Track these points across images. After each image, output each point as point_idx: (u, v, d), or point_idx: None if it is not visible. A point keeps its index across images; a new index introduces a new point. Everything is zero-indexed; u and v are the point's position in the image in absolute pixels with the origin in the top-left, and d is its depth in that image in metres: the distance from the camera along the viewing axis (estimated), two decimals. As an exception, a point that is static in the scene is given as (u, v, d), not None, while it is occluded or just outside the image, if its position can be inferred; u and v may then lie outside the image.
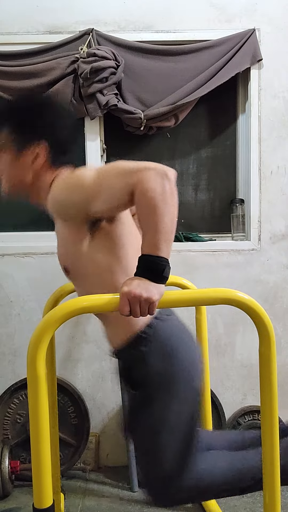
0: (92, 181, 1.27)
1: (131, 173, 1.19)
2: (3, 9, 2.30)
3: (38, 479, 1.09)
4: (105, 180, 1.25)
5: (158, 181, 1.15)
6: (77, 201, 1.30)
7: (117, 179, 1.22)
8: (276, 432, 1.22)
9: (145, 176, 1.16)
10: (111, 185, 1.23)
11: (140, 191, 1.16)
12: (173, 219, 1.19)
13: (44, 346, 1.07)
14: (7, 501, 2.07)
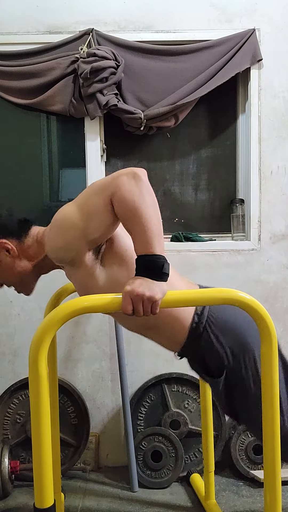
0: (79, 214, 1.27)
1: (106, 185, 1.23)
2: (3, 9, 2.30)
3: (39, 479, 1.09)
4: (88, 206, 1.26)
5: (132, 183, 1.18)
6: (75, 240, 1.29)
7: (97, 197, 1.24)
8: (277, 432, 1.22)
9: (118, 183, 1.19)
10: (96, 206, 1.24)
11: (118, 199, 1.19)
12: (157, 216, 1.20)
13: (46, 346, 1.07)
14: (6, 501, 2.07)
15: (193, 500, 2.07)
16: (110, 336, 2.37)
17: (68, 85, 2.24)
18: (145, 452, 2.23)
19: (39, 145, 2.47)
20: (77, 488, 2.18)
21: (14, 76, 2.28)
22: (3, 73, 2.27)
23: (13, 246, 1.46)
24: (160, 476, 2.22)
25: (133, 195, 1.17)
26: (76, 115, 2.29)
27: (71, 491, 2.15)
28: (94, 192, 1.26)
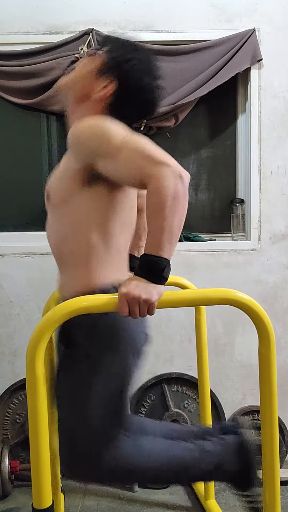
0: (118, 143, 1.22)
1: (150, 162, 1.16)
2: (3, 9, 2.30)
3: (37, 479, 1.09)
4: (127, 151, 1.20)
5: (172, 181, 1.13)
6: (94, 149, 1.26)
7: (137, 160, 1.18)
8: (276, 431, 1.22)
9: (161, 173, 1.14)
10: (129, 161, 1.20)
11: (153, 187, 1.15)
12: (181, 221, 1.17)
13: (43, 346, 1.07)
14: (6, 501, 2.07)
15: (192, 500, 2.07)
16: (110, 336, 2.37)
17: (68, 85, 2.24)
18: (145, 452, 2.23)
19: (39, 145, 2.47)
20: (77, 488, 2.18)
21: (14, 76, 2.28)
22: (3, 73, 2.27)
23: (106, 99, 1.39)
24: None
25: (168, 193, 1.13)
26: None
27: (71, 491, 2.15)
28: (141, 154, 1.18)
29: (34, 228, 2.47)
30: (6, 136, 2.45)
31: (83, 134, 1.29)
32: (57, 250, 1.44)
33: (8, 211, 2.48)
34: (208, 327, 2.25)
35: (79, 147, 1.31)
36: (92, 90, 1.40)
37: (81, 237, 1.34)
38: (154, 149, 1.18)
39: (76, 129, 1.31)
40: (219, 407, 2.32)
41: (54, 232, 1.43)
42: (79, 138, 1.30)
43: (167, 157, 1.17)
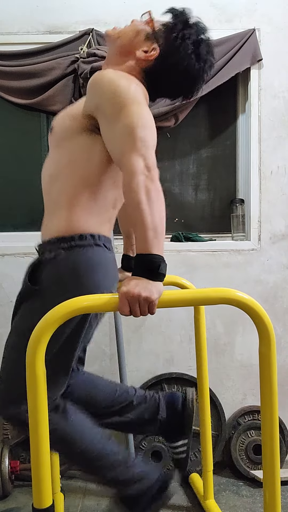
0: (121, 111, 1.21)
1: (131, 149, 1.17)
2: (3, 9, 2.30)
3: (38, 479, 1.09)
4: (122, 123, 1.20)
5: (141, 178, 1.15)
6: (101, 103, 1.26)
7: (123, 138, 1.19)
8: (276, 431, 1.22)
9: (133, 166, 1.15)
10: (118, 134, 1.20)
11: (125, 180, 1.17)
12: (160, 215, 1.16)
13: (43, 346, 1.07)
14: (6, 501, 2.07)
15: (192, 500, 2.07)
16: (110, 336, 2.37)
17: (68, 85, 2.25)
18: (145, 452, 2.23)
19: (39, 145, 2.47)
20: (77, 488, 2.18)
21: (14, 76, 2.28)
22: (3, 73, 2.27)
23: (148, 63, 1.39)
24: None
25: (140, 192, 1.14)
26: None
27: (71, 491, 2.15)
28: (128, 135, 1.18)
29: (34, 228, 2.47)
30: (6, 136, 2.45)
31: (100, 84, 1.29)
32: (46, 190, 1.45)
33: (8, 211, 2.48)
34: (208, 327, 2.26)
35: (91, 93, 1.31)
36: (136, 48, 1.40)
37: (70, 179, 1.34)
38: (143, 135, 1.18)
39: (98, 75, 1.31)
40: (219, 407, 2.32)
41: (47, 169, 1.44)
42: (94, 85, 1.30)
43: (147, 148, 1.18)
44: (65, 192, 1.36)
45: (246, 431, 2.31)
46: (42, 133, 2.47)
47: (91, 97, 1.31)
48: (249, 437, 2.30)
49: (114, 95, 1.23)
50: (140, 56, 1.39)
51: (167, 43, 1.39)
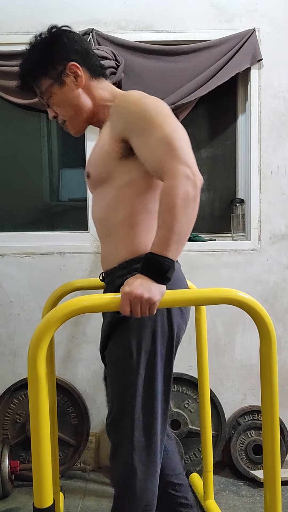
0: (153, 124, 1.22)
1: (173, 158, 1.17)
2: (3, 9, 2.30)
3: (39, 479, 1.08)
4: (157, 135, 1.21)
5: (185, 183, 1.15)
6: (131, 123, 1.28)
7: (162, 149, 1.19)
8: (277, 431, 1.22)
9: (177, 173, 1.15)
10: (156, 146, 1.21)
11: (166, 184, 1.17)
12: (189, 223, 1.17)
13: (45, 346, 1.07)
14: (6, 501, 2.07)
15: (193, 500, 2.07)
16: (110, 336, 2.37)
17: (68, 85, 2.24)
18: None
19: (39, 145, 2.47)
20: (77, 488, 2.18)
21: (14, 76, 2.25)
22: (3, 73, 2.27)
23: (82, 74, 1.39)
24: (160, 476, 2.22)
25: (179, 193, 1.14)
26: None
27: (71, 491, 2.15)
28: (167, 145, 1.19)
29: (34, 228, 2.48)
30: (6, 136, 2.45)
31: (125, 108, 1.31)
32: (101, 225, 1.44)
33: (8, 211, 2.48)
34: (209, 327, 2.25)
35: (119, 119, 1.32)
36: (72, 91, 1.40)
37: (125, 207, 1.34)
38: (182, 145, 1.19)
39: (119, 101, 1.35)
40: (219, 407, 2.32)
41: (98, 207, 1.44)
42: (120, 111, 1.33)
43: (189, 157, 1.18)
44: (124, 222, 1.35)
45: (246, 431, 2.31)
46: (42, 133, 2.47)
47: (119, 122, 1.32)
48: (249, 437, 2.31)
49: (142, 111, 1.25)
50: (78, 84, 1.40)
51: (66, 56, 1.38)
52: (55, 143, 2.49)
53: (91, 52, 1.44)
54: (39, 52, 1.39)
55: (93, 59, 1.43)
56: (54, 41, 1.38)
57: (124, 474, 1.34)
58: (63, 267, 2.35)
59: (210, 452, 1.94)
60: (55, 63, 1.37)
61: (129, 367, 1.32)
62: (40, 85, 1.41)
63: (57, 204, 2.52)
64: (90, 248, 2.36)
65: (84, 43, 1.43)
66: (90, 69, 1.42)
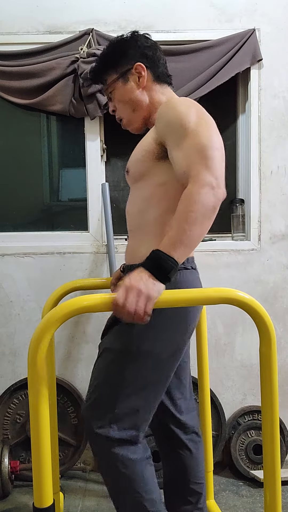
0: (189, 129, 1.26)
1: (202, 165, 1.20)
2: (3, 9, 2.30)
3: (39, 478, 1.09)
4: (191, 140, 1.24)
5: (209, 191, 1.17)
6: (168, 127, 1.32)
7: (193, 154, 1.22)
8: (277, 431, 1.22)
9: (204, 180, 1.18)
10: (187, 151, 1.24)
11: (190, 189, 1.19)
12: (202, 231, 1.19)
13: (45, 346, 1.07)
14: (6, 501, 2.07)
15: (193, 500, 2.07)
16: (110, 336, 2.37)
17: (68, 85, 2.25)
18: (145, 452, 2.22)
19: (39, 145, 2.47)
20: (77, 488, 2.18)
21: (14, 76, 2.28)
22: (3, 73, 2.27)
23: (146, 76, 1.48)
24: (160, 476, 2.21)
25: (200, 200, 1.17)
26: (76, 115, 2.29)
27: (71, 491, 2.15)
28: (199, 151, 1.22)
29: (34, 228, 2.48)
30: (6, 136, 2.45)
31: (166, 112, 1.35)
32: (133, 218, 1.50)
33: (8, 211, 2.48)
34: (209, 327, 2.26)
35: (160, 121, 1.37)
36: (141, 88, 1.49)
37: (158, 205, 1.37)
38: (214, 155, 1.21)
39: (163, 106, 1.40)
40: (219, 407, 2.32)
41: (133, 202, 1.50)
42: (161, 115, 1.37)
43: (218, 168, 1.21)
44: (155, 219, 1.38)
45: (246, 431, 2.31)
46: (42, 133, 2.47)
47: (159, 126, 1.38)
48: (249, 437, 2.31)
49: (179, 115, 1.29)
50: (140, 84, 1.49)
51: (133, 56, 1.49)
52: (55, 143, 2.49)
53: (161, 61, 1.52)
54: (114, 48, 1.51)
55: (162, 67, 1.52)
56: (129, 42, 1.49)
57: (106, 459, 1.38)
58: (63, 267, 2.35)
59: (210, 452, 1.94)
60: (124, 61, 1.48)
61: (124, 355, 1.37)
62: (107, 77, 1.52)
63: (57, 204, 2.52)
64: (90, 248, 2.36)
65: (157, 52, 1.52)
66: (155, 74, 1.50)
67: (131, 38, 1.51)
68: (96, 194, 2.40)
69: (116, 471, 1.36)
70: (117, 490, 1.41)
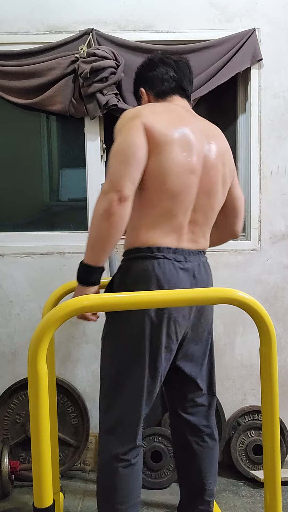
0: (114, 148, 1.46)
1: (106, 180, 1.43)
2: (3, 9, 2.30)
3: (39, 479, 1.09)
4: (110, 159, 1.48)
5: (101, 197, 1.39)
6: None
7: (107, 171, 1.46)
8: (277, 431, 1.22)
9: (101, 194, 1.40)
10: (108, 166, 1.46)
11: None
12: (100, 232, 1.38)
13: (45, 346, 1.07)
14: (6, 501, 2.07)
15: (193, 500, 2.06)
16: (110, 336, 2.37)
17: (68, 85, 2.25)
18: (145, 452, 2.22)
19: (39, 145, 2.47)
20: (77, 488, 2.18)
21: (14, 76, 2.27)
22: (3, 73, 2.27)
23: (146, 98, 1.68)
24: (160, 476, 2.22)
25: (96, 209, 1.39)
26: (76, 115, 2.29)
27: (71, 491, 2.15)
28: (108, 170, 1.46)
29: (34, 228, 2.47)
30: (6, 136, 2.45)
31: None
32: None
33: (8, 211, 2.48)
34: (208, 327, 2.25)
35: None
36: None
37: (133, 205, 1.44)
38: (112, 162, 1.42)
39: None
40: (219, 407, 2.32)
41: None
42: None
43: (114, 171, 1.40)
44: (131, 216, 1.45)
45: (246, 431, 2.31)
46: (42, 133, 2.47)
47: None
48: (249, 437, 2.30)
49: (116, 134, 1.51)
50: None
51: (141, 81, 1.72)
52: (55, 143, 2.49)
53: (159, 76, 1.64)
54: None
55: (159, 84, 1.64)
56: (138, 69, 1.73)
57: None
58: (63, 267, 2.35)
59: (210, 452, 1.94)
60: (136, 88, 1.73)
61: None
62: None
63: (57, 204, 2.52)
64: (90, 248, 2.36)
65: (157, 68, 1.64)
66: (154, 92, 1.65)
67: (141, 63, 1.71)
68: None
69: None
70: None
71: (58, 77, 2.23)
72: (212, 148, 1.56)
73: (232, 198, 1.69)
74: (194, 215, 1.52)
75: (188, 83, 1.68)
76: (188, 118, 1.56)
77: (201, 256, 1.57)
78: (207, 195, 1.53)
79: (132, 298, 1.16)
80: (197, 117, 1.65)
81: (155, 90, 1.64)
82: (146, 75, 1.66)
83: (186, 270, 1.48)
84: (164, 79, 1.63)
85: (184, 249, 1.50)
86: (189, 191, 1.48)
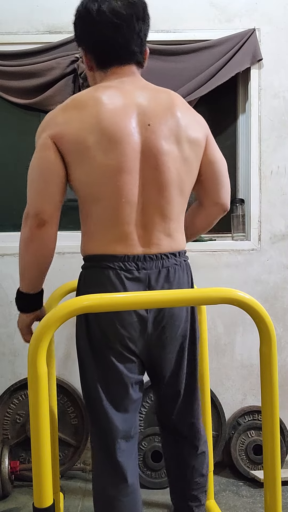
0: (30, 166, 1.39)
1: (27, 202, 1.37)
2: (3, 9, 2.30)
3: (39, 479, 1.08)
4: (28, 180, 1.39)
5: (23, 227, 1.35)
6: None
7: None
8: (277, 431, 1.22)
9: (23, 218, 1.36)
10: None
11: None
12: (25, 259, 1.36)
13: (45, 346, 1.07)
14: (6, 501, 2.07)
15: (193, 500, 2.06)
16: (110, 336, 2.37)
17: (68, 85, 2.24)
18: (145, 452, 2.22)
19: (39, 145, 2.47)
20: (77, 488, 2.18)
21: (14, 76, 2.28)
22: (3, 73, 2.27)
23: (88, 62, 1.45)
24: (160, 476, 2.22)
25: (21, 239, 1.36)
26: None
27: (71, 491, 2.15)
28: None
29: (34, 228, 2.47)
30: (6, 136, 2.45)
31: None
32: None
33: (8, 211, 2.47)
34: (209, 327, 2.25)
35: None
36: (91, 74, 1.49)
37: (80, 214, 1.44)
38: (29, 184, 1.34)
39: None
40: (219, 407, 2.32)
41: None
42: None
43: (30, 195, 1.33)
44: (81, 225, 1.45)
45: (246, 431, 2.31)
46: (42, 133, 2.46)
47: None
48: (249, 437, 2.30)
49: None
50: (93, 74, 1.47)
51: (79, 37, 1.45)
52: (55, 143, 2.48)
53: (98, 39, 1.41)
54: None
55: (98, 52, 1.43)
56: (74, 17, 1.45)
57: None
58: (63, 267, 2.35)
59: (210, 452, 1.94)
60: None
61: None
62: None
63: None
64: (90, 248, 2.36)
65: (93, 26, 1.40)
66: (96, 62, 1.45)
67: (76, 11, 1.40)
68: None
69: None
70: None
71: (58, 77, 2.23)
72: (157, 129, 1.31)
73: (207, 164, 1.48)
74: (144, 216, 1.32)
75: (139, 41, 1.39)
76: (124, 102, 1.32)
77: (167, 260, 1.34)
78: (157, 189, 1.32)
79: (132, 298, 1.16)
80: (145, 89, 1.43)
81: (97, 58, 1.40)
82: (82, 33, 1.40)
83: (137, 280, 1.30)
84: (103, 42, 1.35)
85: (137, 255, 1.31)
86: (125, 193, 1.29)
